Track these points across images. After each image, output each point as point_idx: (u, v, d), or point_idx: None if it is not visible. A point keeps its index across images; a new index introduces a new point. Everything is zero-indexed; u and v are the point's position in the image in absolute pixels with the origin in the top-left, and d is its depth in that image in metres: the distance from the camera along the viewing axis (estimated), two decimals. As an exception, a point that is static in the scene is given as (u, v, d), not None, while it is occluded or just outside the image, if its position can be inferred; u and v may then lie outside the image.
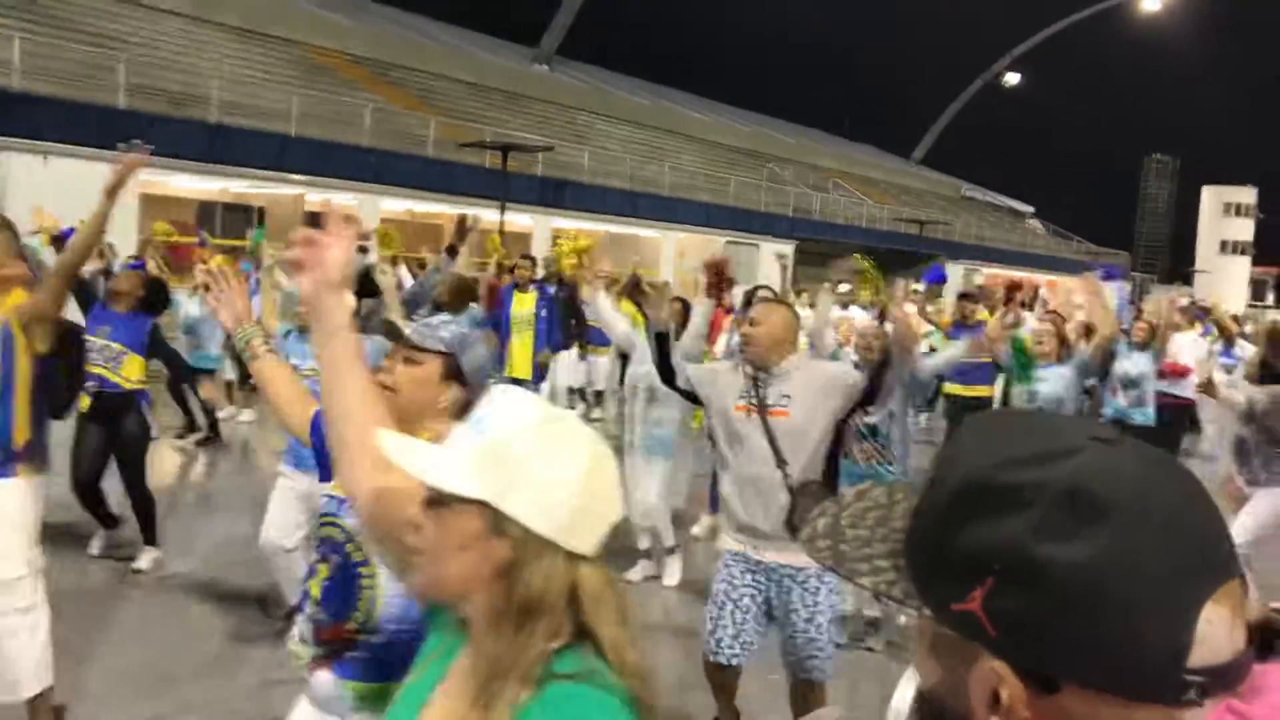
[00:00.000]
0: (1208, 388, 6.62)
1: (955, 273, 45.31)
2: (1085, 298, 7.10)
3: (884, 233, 44.44)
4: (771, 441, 3.92)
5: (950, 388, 9.95)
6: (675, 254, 34.25)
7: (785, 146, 52.17)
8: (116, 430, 6.28)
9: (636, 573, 6.77)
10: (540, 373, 9.57)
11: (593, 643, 1.28)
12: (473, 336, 2.56)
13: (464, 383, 2.49)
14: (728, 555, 4.09)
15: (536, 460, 1.28)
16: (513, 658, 1.26)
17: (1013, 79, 67.66)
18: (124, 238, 19.64)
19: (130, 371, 6.35)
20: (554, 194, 30.61)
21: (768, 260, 35.68)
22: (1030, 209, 70.39)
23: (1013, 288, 11.46)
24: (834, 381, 4.06)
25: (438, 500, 1.31)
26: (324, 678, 2.52)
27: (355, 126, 27.12)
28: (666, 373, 4.32)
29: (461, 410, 2.46)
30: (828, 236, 41.41)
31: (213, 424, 10.21)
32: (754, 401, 3.98)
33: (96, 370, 6.18)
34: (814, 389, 3.96)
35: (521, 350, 9.23)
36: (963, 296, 10.53)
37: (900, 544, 0.80)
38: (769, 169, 44.88)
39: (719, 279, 5.44)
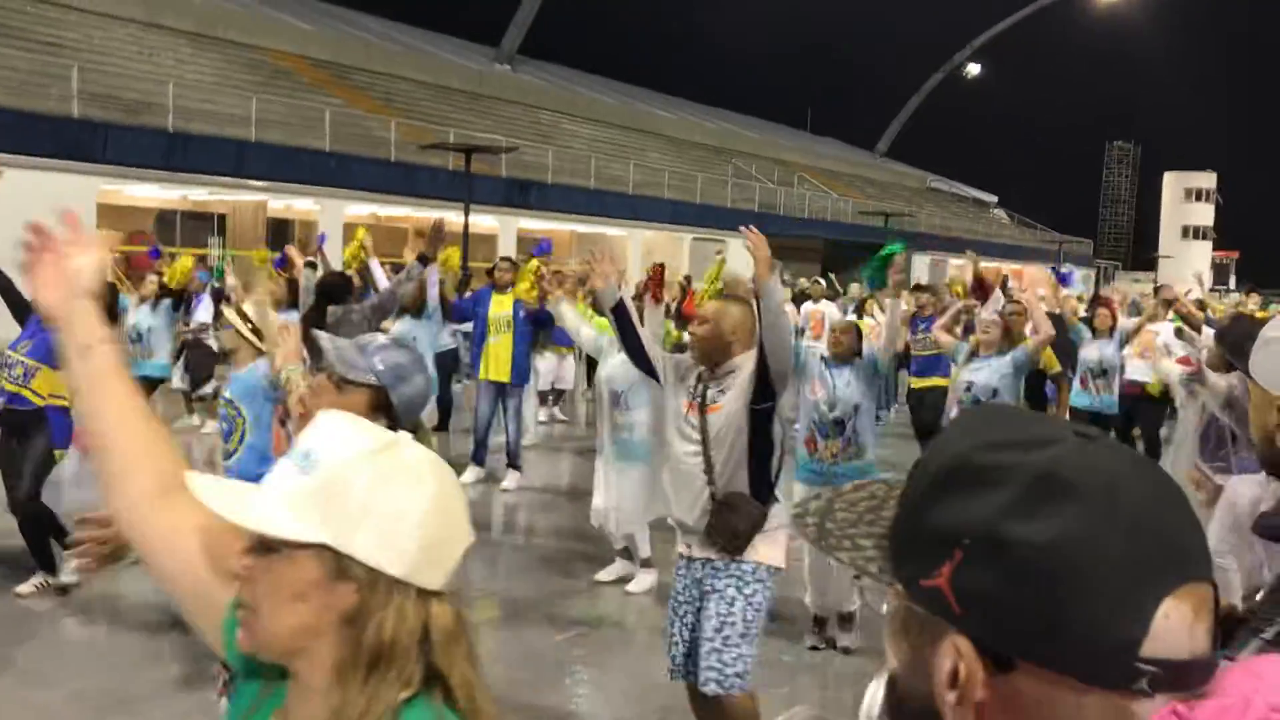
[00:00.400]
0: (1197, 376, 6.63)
1: (921, 264, 45.57)
2: (1044, 293, 7.17)
3: (849, 225, 44.57)
4: (704, 438, 3.90)
5: (913, 381, 10.08)
6: (642, 252, 34.19)
7: (750, 142, 52.27)
8: (24, 446, 6.05)
9: (608, 573, 6.66)
10: (522, 375, 9.47)
11: (443, 686, 1.18)
12: (410, 367, 2.40)
13: (393, 416, 2.33)
14: (678, 560, 4.05)
15: (377, 493, 1.16)
16: (359, 711, 1.15)
17: (974, 69, 68.10)
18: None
19: (41, 386, 6.04)
20: (519, 195, 30.48)
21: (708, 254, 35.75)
22: (994, 198, 70.93)
23: (980, 285, 11.39)
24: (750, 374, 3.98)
25: (266, 547, 1.17)
26: None
27: (316, 131, 26.86)
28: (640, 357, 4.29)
29: None
30: (794, 231, 41.52)
31: None
32: (697, 398, 3.96)
33: (8, 387, 5.99)
34: (740, 383, 3.90)
35: (499, 352, 9.12)
36: (917, 288, 10.55)
37: (883, 528, 0.81)
38: (734, 165, 44.93)
39: (658, 277, 5.36)
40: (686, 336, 6.32)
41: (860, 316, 14.54)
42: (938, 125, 78.20)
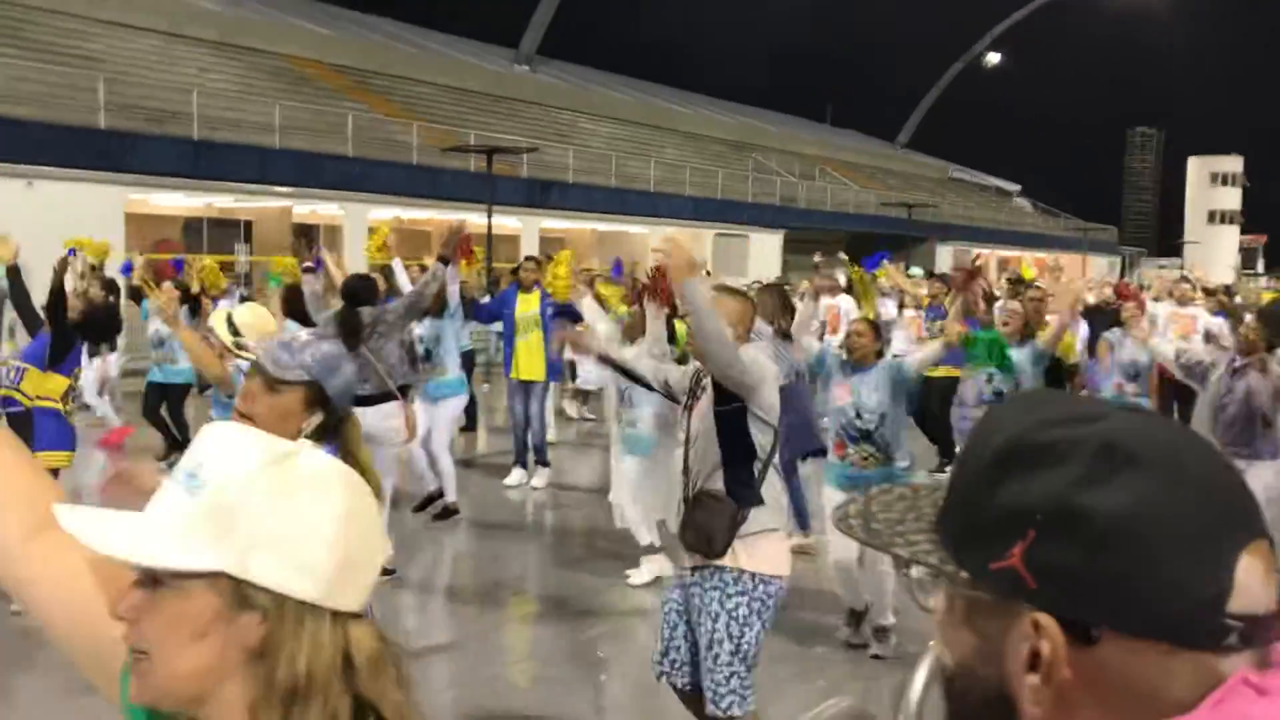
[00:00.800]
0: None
1: (945, 254, 45.38)
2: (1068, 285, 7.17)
3: (872, 217, 44.45)
4: (686, 439, 3.81)
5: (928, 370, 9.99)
6: (665, 249, 34.24)
7: (769, 136, 52.17)
8: None
9: (641, 575, 6.64)
10: (553, 372, 9.53)
11: (375, 716, 1.06)
12: (339, 358, 2.42)
13: (329, 409, 2.36)
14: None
15: (277, 509, 1.03)
16: None
17: (994, 59, 67.69)
18: (113, 255, 19.53)
19: (29, 387, 6.18)
20: (540, 195, 30.57)
21: (730, 250, 35.67)
22: (1017, 187, 70.48)
23: (971, 275, 11.29)
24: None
25: (153, 581, 1.04)
26: None
27: (339, 136, 27.06)
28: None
29: (322, 435, 2.36)
30: (816, 224, 41.44)
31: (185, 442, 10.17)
32: (691, 400, 3.86)
33: (3, 392, 6.16)
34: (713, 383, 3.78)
35: (528, 352, 9.12)
36: (933, 276, 10.53)
37: (931, 523, 0.82)
38: (754, 160, 44.88)
39: (664, 279, 5.11)
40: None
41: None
42: (958, 115, 77.71)
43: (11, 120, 20.77)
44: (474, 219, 27.08)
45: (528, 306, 9.19)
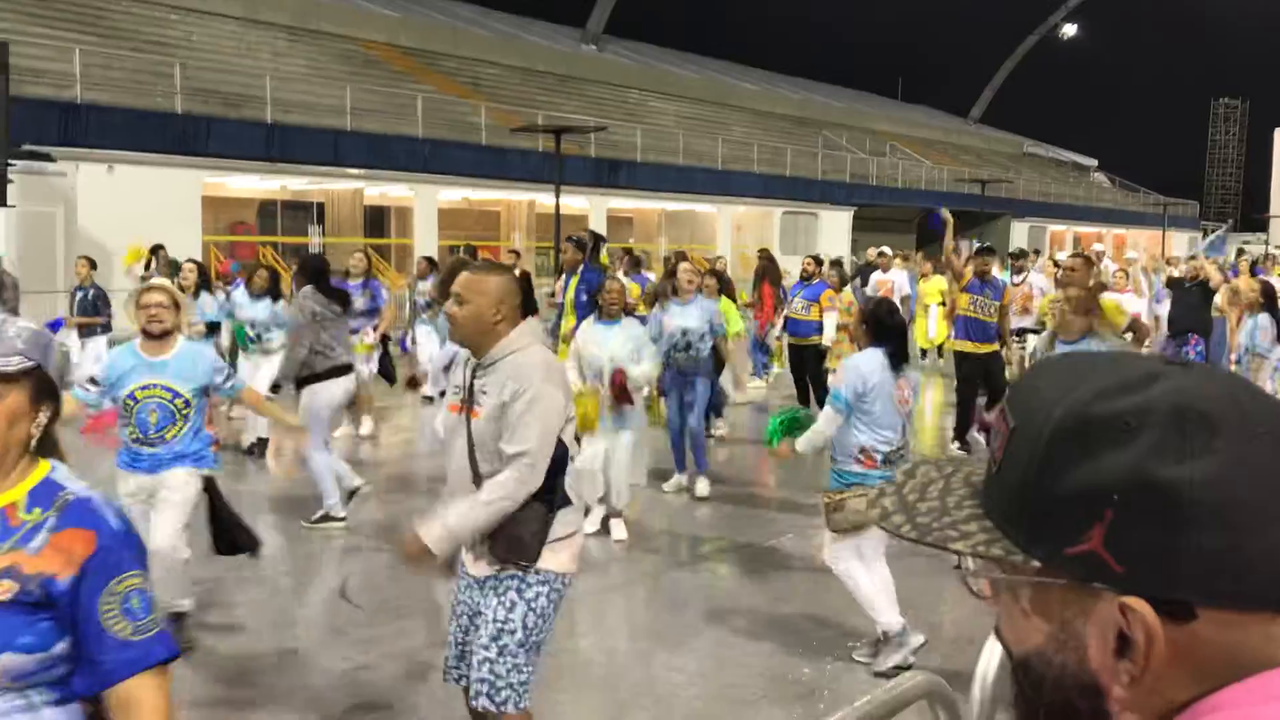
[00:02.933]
0: None
1: (1020, 230, 44.53)
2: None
3: (945, 194, 43.76)
4: (470, 447, 3.40)
5: (960, 345, 9.82)
6: (732, 228, 34.09)
7: (839, 112, 51.59)
8: None
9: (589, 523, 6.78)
10: None
11: None
12: (43, 332, 1.92)
13: (56, 394, 1.90)
14: (460, 564, 3.61)
15: None
16: None
17: (1070, 30, 66.12)
18: (190, 239, 20.05)
19: None
20: (608, 174, 30.58)
21: (799, 227, 35.33)
22: (1094, 162, 68.91)
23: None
24: (525, 381, 3.33)
25: None
26: None
27: (409, 118, 27.31)
28: None
29: (48, 434, 1.90)
30: (886, 201, 40.93)
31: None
32: (464, 397, 3.46)
33: None
34: (501, 380, 3.36)
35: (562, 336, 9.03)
36: (981, 251, 10.24)
37: (978, 508, 0.77)
38: (823, 136, 44.42)
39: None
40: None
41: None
42: (1033, 89, 76.10)
43: (93, 106, 21.29)
44: (542, 199, 27.26)
45: (571, 288, 9.07)
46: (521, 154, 28.03)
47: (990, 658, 3.39)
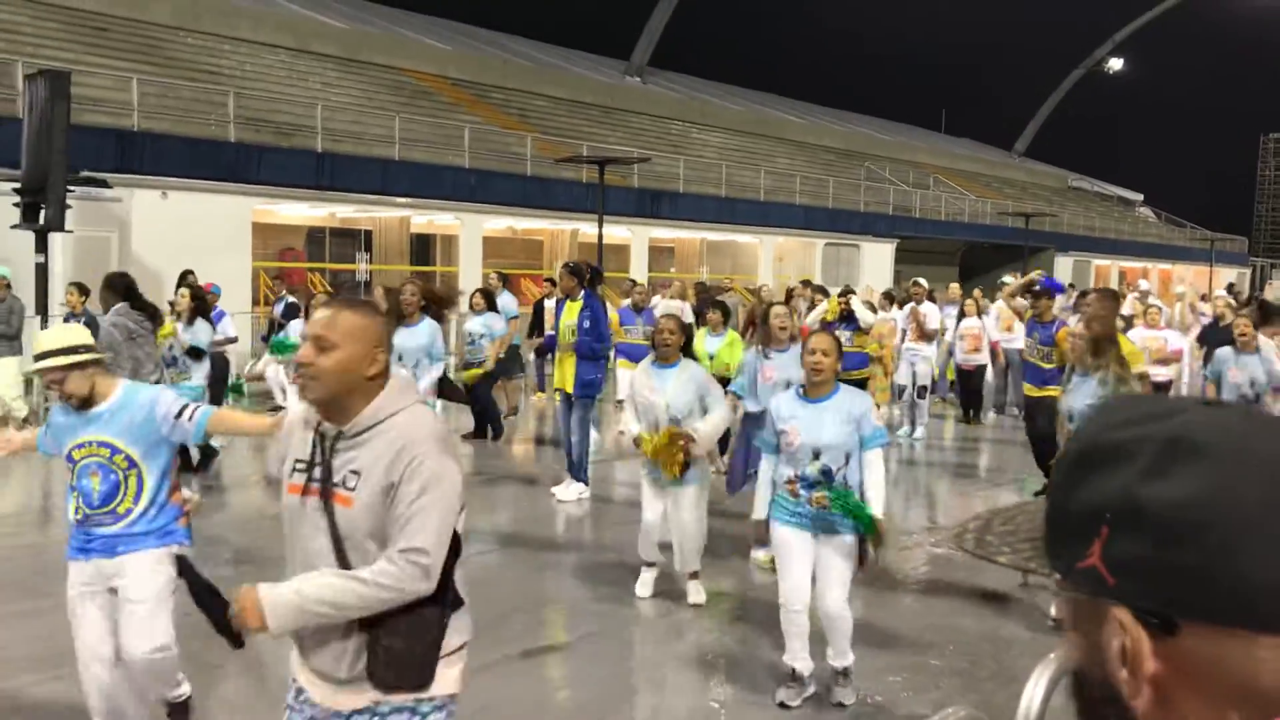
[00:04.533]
0: None
1: (1065, 264, 44.18)
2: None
3: (988, 227, 43.55)
4: (336, 543, 2.52)
5: (1029, 389, 9.79)
6: (774, 258, 34.11)
7: (882, 145, 51.56)
8: None
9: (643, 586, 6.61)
10: (587, 386, 9.05)
11: None
12: None
13: None
14: (293, 688, 2.74)
15: None
16: None
17: (1116, 64, 65.73)
18: (240, 265, 20.43)
19: None
20: (651, 204, 30.76)
21: (840, 259, 35.23)
22: (1140, 196, 68.26)
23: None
24: (417, 455, 2.50)
25: None
26: None
27: (456, 148, 27.66)
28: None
29: None
30: (930, 234, 40.77)
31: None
32: (313, 477, 2.57)
33: None
34: (381, 455, 2.52)
35: (566, 363, 8.96)
36: (1034, 293, 10.08)
37: (1034, 534, 0.84)
38: (866, 168, 44.40)
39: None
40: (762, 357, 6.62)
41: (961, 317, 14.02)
42: (1079, 123, 75.71)
43: (149, 134, 21.78)
44: (585, 228, 27.45)
45: (569, 315, 8.99)
46: (566, 184, 28.28)
47: (1035, 691, 3.40)
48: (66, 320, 11.08)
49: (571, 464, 9.20)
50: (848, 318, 11.09)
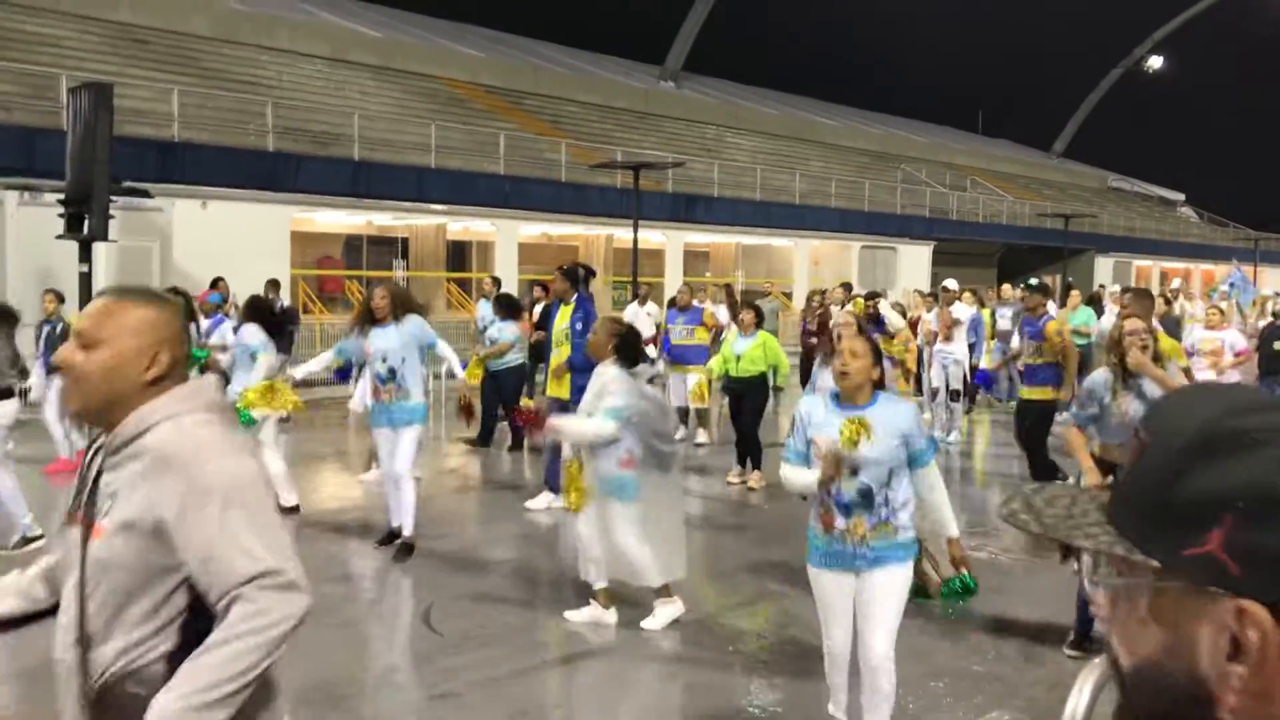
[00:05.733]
0: None
1: (1105, 265, 43.70)
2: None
3: (1027, 229, 43.17)
4: (81, 587, 2.02)
5: (1022, 391, 9.67)
6: (809, 262, 33.99)
7: (918, 146, 51.26)
8: None
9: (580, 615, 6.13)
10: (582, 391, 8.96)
11: None
12: None
13: None
14: None
15: None
16: None
17: (1156, 62, 64.98)
18: (278, 272, 20.57)
19: None
20: (686, 209, 30.75)
21: (877, 262, 35.04)
22: (1181, 196, 67.42)
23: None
24: (194, 472, 1.97)
25: None
26: None
27: (491, 155, 27.81)
28: None
29: None
30: (968, 235, 40.47)
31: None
32: (79, 502, 2.10)
33: None
34: (143, 480, 2.01)
35: (559, 367, 8.60)
36: (1030, 288, 9.96)
37: (1103, 517, 0.81)
38: (902, 170, 44.16)
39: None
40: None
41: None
42: (1118, 122, 74.68)
43: (189, 144, 22.06)
44: (619, 233, 27.49)
45: (563, 319, 8.74)
46: (600, 190, 28.34)
47: (1081, 697, 3.35)
48: (41, 327, 11.10)
49: (547, 472, 8.81)
50: (876, 321, 11.05)
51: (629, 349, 5.92)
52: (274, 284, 13.68)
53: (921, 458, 4.23)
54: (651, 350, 13.56)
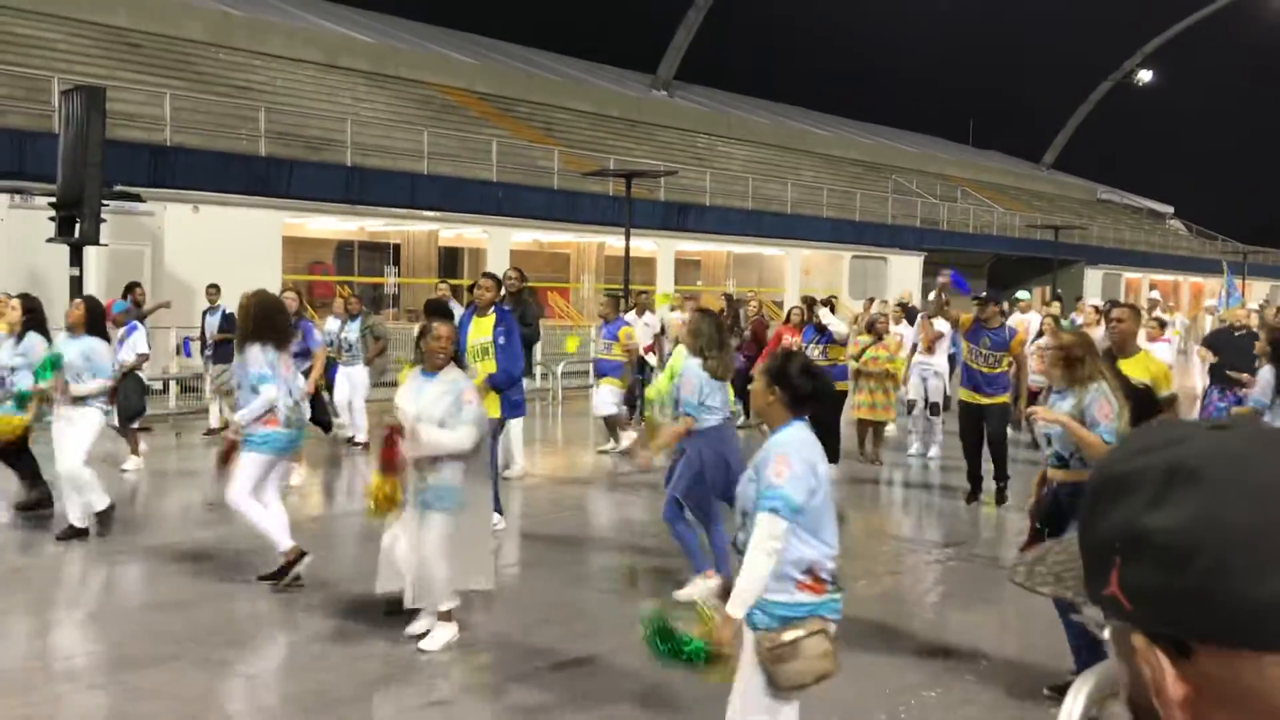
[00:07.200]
0: None
1: (1094, 277, 43.87)
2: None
3: (1017, 240, 43.34)
4: None
5: (964, 394, 9.62)
6: (800, 271, 34.06)
7: (909, 157, 51.45)
8: None
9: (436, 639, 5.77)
10: (512, 407, 8.34)
11: None
12: None
13: None
14: None
15: None
16: None
17: (1145, 76, 65.33)
18: (269, 278, 20.51)
19: None
20: (677, 217, 30.81)
21: (868, 271, 35.17)
22: (1170, 209, 67.75)
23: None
24: None
25: None
26: None
27: (483, 162, 27.82)
28: None
29: None
30: (958, 246, 40.61)
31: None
32: None
33: None
34: None
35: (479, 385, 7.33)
36: (980, 300, 10.03)
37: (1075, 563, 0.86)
38: (893, 181, 44.32)
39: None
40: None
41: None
42: (1107, 135, 75.08)
43: (181, 149, 22.03)
44: (611, 241, 27.52)
45: (480, 332, 8.05)
46: (592, 198, 28.37)
47: (1074, 706, 3.38)
48: (204, 316, 12.43)
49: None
50: (820, 329, 10.94)
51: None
52: (214, 288, 13.53)
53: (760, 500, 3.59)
54: (652, 358, 13.56)
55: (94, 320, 8.08)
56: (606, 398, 12.20)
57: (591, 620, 6.40)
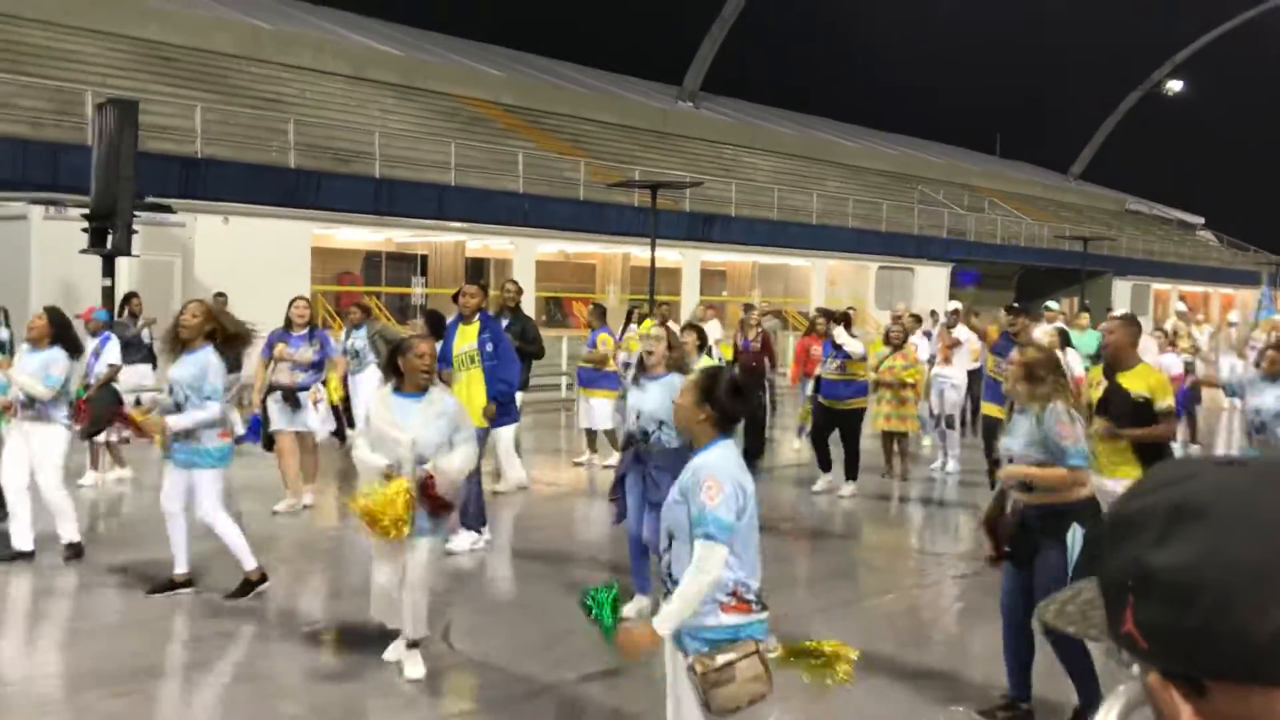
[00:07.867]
0: None
1: (1123, 288, 43.53)
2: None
3: (1044, 250, 43.08)
4: None
5: (988, 408, 9.57)
6: (826, 282, 34.01)
7: (935, 168, 51.27)
8: None
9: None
10: (505, 416, 8.23)
11: None
12: None
13: None
14: None
15: None
16: None
17: (1175, 86, 64.85)
18: (299, 288, 20.69)
19: None
20: (702, 228, 30.83)
21: (893, 282, 35.01)
22: (1200, 220, 67.17)
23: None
24: None
25: None
26: None
27: (510, 173, 27.97)
28: None
29: None
30: (985, 257, 40.43)
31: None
32: None
33: None
34: None
35: (465, 394, 7.47)
36: (1011, 310, 9.92)
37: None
38: (920, 191, 44.17)
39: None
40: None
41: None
42: (1136, 145, 74.52)
43: (211, 161, 22.27)
44: (636, 252, 27.58)
45: (465, 340, 7.94)
46: (618, 209, 28.44)
47: (1109, 711, 3.36)
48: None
49: (462, 510, 7.41)
50: (836, 347, 10.64)
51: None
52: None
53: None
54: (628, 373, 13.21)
55: (60, 332, 7.72)
56: (604, 410, 11.47)
57: (572, 646, 6.02)
